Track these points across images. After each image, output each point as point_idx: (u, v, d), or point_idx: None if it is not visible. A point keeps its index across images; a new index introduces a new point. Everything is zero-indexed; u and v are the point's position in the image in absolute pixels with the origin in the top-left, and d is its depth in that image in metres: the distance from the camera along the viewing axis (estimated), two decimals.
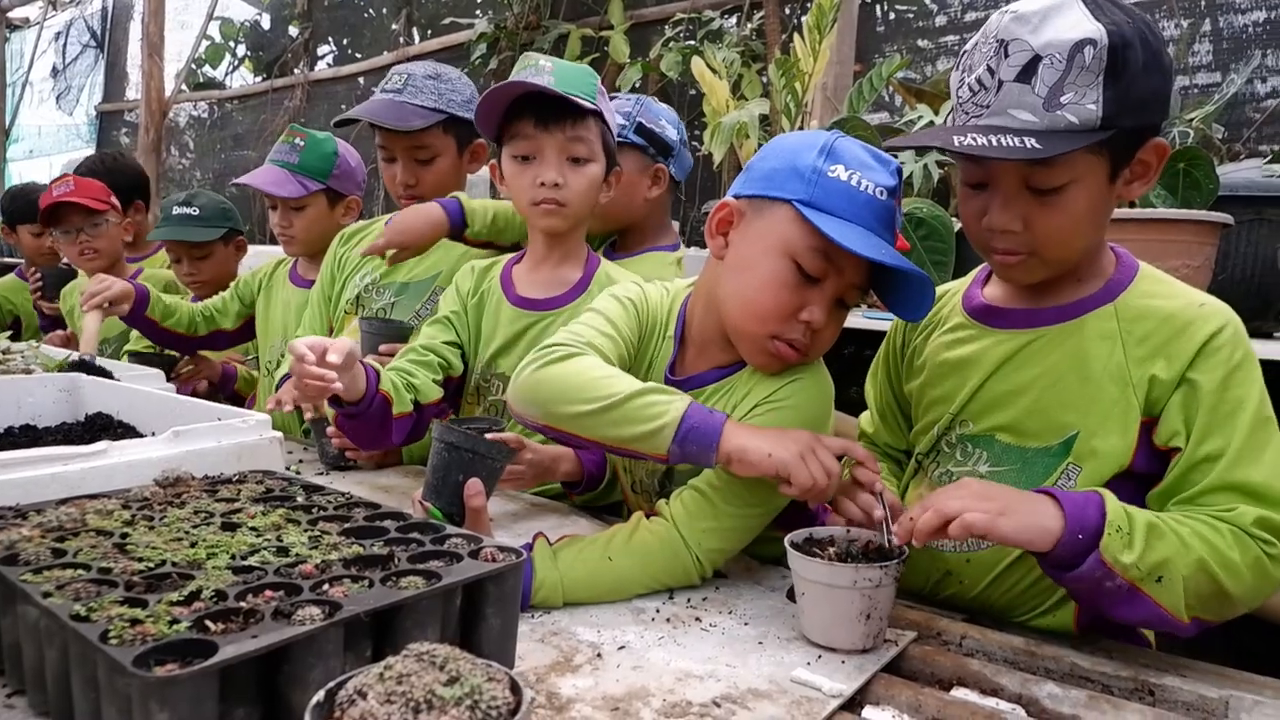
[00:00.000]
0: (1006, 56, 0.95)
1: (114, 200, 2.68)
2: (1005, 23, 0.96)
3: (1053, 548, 0.90)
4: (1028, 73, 0.93)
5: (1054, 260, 1.03)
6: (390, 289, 1.87)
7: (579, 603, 1.04)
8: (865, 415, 1.35)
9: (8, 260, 4.74)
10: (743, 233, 1.11)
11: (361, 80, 5.58)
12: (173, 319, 2.14)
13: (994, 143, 0.93)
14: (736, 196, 1.13)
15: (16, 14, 8.96)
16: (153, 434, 1.32)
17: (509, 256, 1.61)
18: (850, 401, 1.44)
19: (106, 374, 1.68)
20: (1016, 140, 0.93)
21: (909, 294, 1.07)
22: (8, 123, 8.65)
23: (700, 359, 1.20)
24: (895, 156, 2.22)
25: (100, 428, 1.38)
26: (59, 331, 2.87)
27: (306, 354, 1.10)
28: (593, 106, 1.39)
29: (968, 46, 1.02)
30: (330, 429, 1.59)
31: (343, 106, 5.76)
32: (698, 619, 1.02)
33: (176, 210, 2.49)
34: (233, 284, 2.29)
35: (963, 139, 0.95)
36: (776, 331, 1.09)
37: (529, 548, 1.05)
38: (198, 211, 2.49)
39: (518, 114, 1.40)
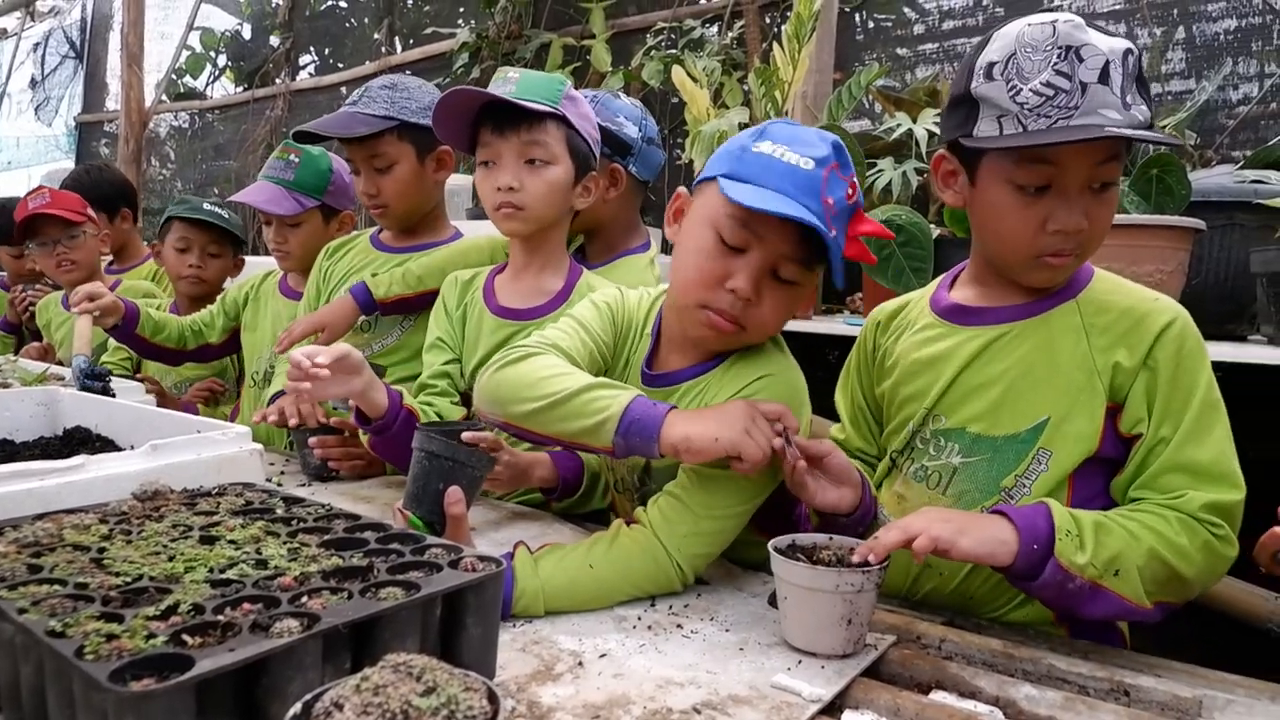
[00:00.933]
0: (1081, 60, 0.98)
1: (90, 212, 2.66)
2: (1065, 30, 0.98)
3: (1013, 561, 0.95)
4: (1105, 75, 0.97)
5: (1087, 255, 1.08)
6: None
7: (560, 611, 1.04)
8: (835, 426, 1.36)
9: None
10: (687, 217, 1.16)
11: (344, 90, 5.57)
12: (163, 335, 2.14)
13: (1129, 131, 0.97)
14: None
15: None
16: (131, 447, 1.32)
17: (492, 267, 1.62)
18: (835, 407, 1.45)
19: (109, 391, 1.67)
20: (1132, 132, 0.97)
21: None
22: None
23: (675, 356, 1.22)
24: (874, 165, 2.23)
25: (79, 441, 1.37)
26: (35, 344, 2.84)
27: (302, 361, 1.14)
28: (549, 109, 1.41)
29: (996, 58, 1.02)
30: (313, 439, 1.59)
31: (323, 116, 5.74)
32: (679, 626, 1.02)
33: (208, 205, 2.48)
34: (219, 298, 2.29)
35: (1107, 129, 0.96)
36: (704, 299, 1.11)
37: (510, 556, 1.05)
38: (226, 215, 2.50)
39: (481, 123, 1.46)
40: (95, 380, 1.66)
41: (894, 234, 2.00)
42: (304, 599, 0.73)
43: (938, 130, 2.23)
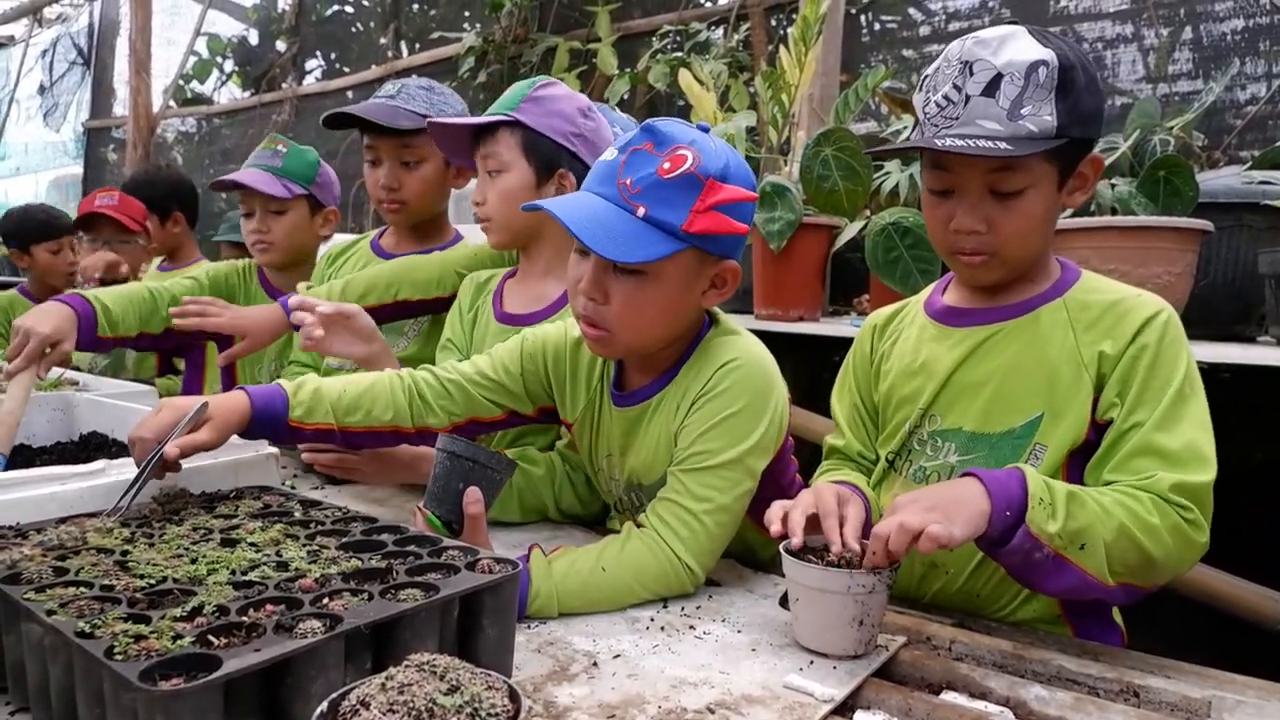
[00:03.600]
0: (972, 75, 1.05)
1: (148, 224, 2.67)
2: (968, 46, 1.06)
3: (987, 527, 0.94)
4: (991, 88, 1.04)
5: (1013, 259, 1.11)
6: None
7: (574, 613, 1.05)
8: (832, 434, 1.36)
9: (6, 279, 4.71)
10: None
11: (350, 94, 5.59)
12: (120, 329, 1.75)
13: (971, 145, 1.03)
14: None
15: (2, 32, 8.95)
16: None
17: (505, 270, 1.63)
18: None
19: None
20: (989, 143, 1.02)
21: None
22: None
23: (637, 375, 1.24)
24: (881, 164, 2.24)
25: (95, 447, 1.39)
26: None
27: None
28: (502, 118, 1.46)
29: (929, 71, 1.11)
30: (304, 444, 1.57)
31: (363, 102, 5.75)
32: (691, 627, 1.03)
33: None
34: (202, 272, 2.10)
35: (943, 142, 1.04)
36: (574, 308, 1.15)
37: (525, 559, 1.07)
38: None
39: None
40: None
41: (756, 195, 1.93)
42: (325, 600, 0.75)
43: None
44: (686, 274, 1.11)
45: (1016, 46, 1.03)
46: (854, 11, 3.46)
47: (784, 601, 1.12)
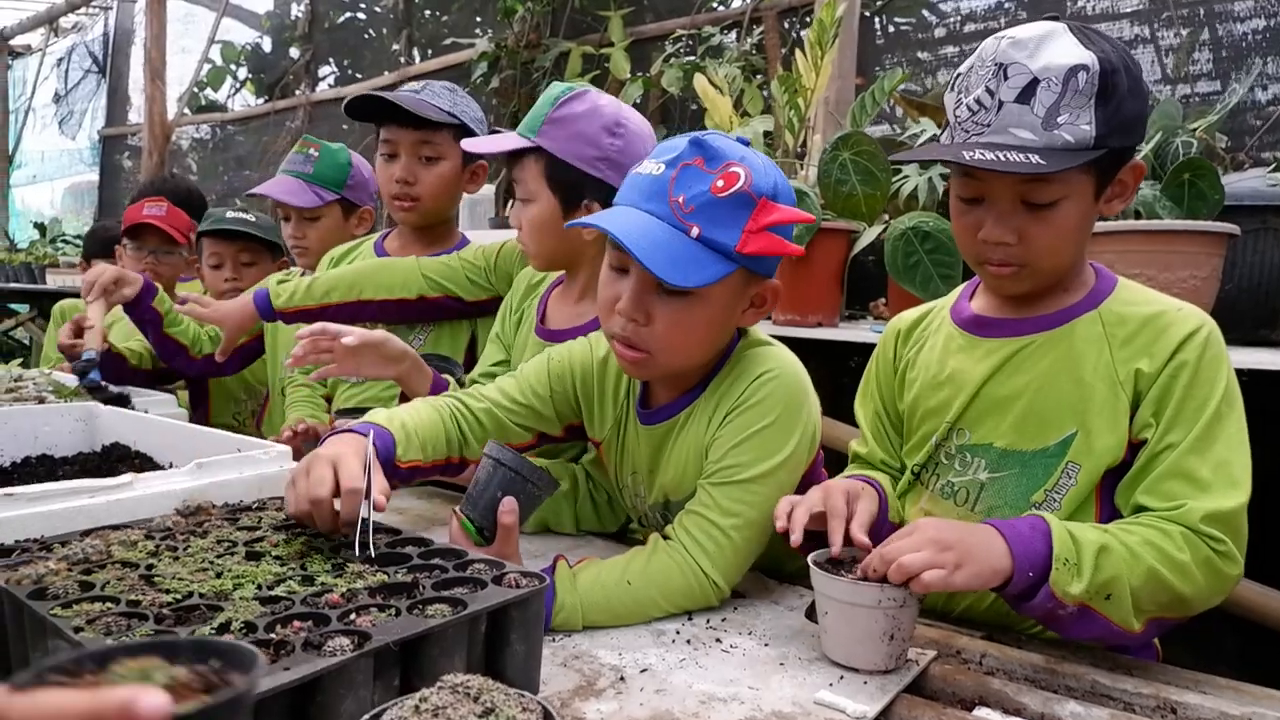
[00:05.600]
0: (1006, 79, 1.00)
1: (191, 236, 2.68)
2: (1003, 48, 1.01)
3: (1005, 586, 0.93)
4: (1026, 94, 0.99)
5: (1043, 271, 1.07)
6: None
7: (598, 625, 1.04)
8: (856, 440, 1.34)
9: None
10: None
11: None
12: (178, 327, 2.07)
13: (1002, 158, 0.98)
14: None
15: (18, 41, 9.04)
16: (170, 464, 1.33)
17: (555, 276, 1.60)
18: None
19: (121, 399, 1.69)
20: (1021, 156, 0.98)
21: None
22: (11, 148, 8.71)
23: (663, 391, 1.22)
24: (899, 168, 2.22)
25: (117, 458, 1.38)
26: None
27: (325, 331, 1.31)
28: (526, 144, 1.42)
29: (962, 69, 1.06)
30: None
31: (343, 127, 5.79)
32: (718, 640, 1.02)
33: (230, 214, 2.43)
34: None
35: (972, 154, 1.00)
36: (608, 329, 1.13)
37: (549, 571, 1.06)
38: (253, 219, 2.44)
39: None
40: (88, 379, 1.72)
41: (812, 218, 1.92)
42: (353, 616, 0.74)
43: None
44: (731, 294, 1.08)
45: (1055, 49, 0.98)
46: (868, 14, 3.45)
47: (810, 614, 1.11)
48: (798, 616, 1.11)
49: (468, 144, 1.55)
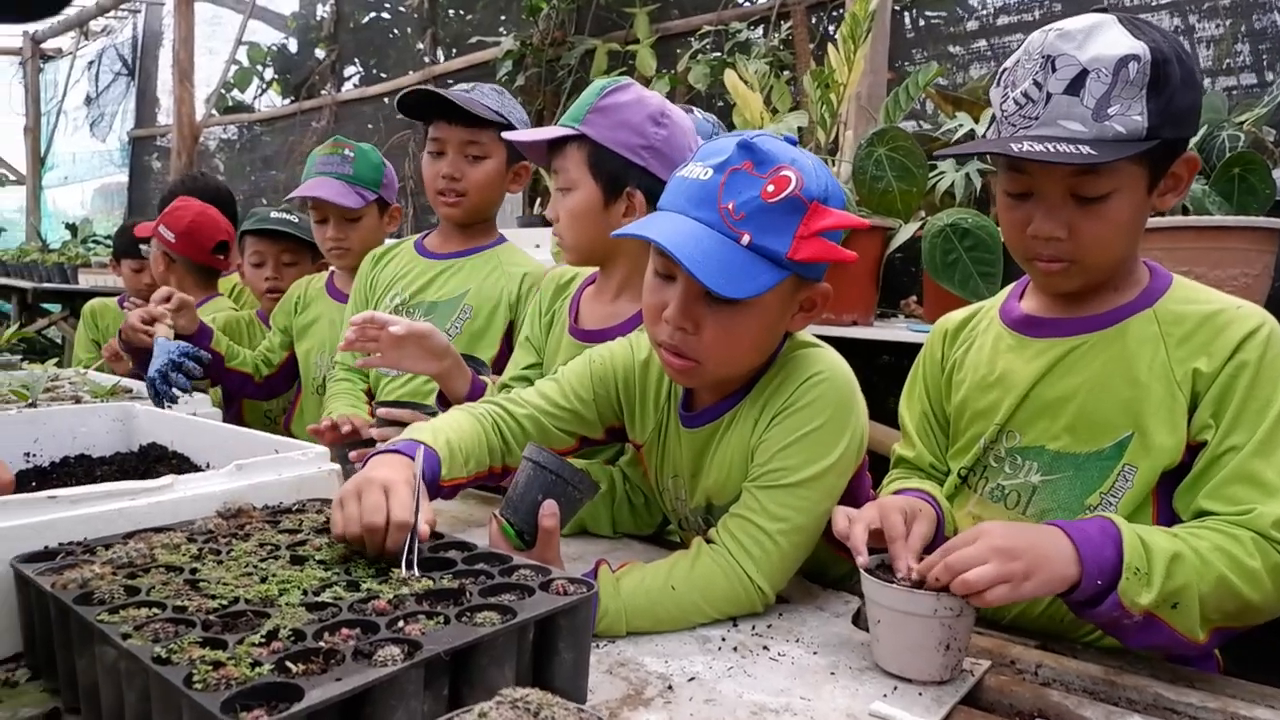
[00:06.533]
0: (1054, 71, 0.98)
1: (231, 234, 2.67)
2: (1051, 40, 0.99)
3: (1070, 592, 0.89)
4: (1075, 86, 0.97)
5: (1094, 267, 1.05)
6: (420, 308, 1.88)
7: (641, 631, 1.02)
8: (899, 443, 1.31)
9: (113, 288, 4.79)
10: None
11: (387, 100, 5.64)
12: (237, 360, 2.16)
13: (1051, 149, 0.96)
14: None
15: (50, 45, 9.18)
16: (207, 464, 1.33)
17: (586, 275, 1.59)
18: (890, 412, 1.41)
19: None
20: (1071, 147, 0.95)
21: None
22: (43, 151, 8.83)
23: (708, 394, 1.19)
24: (935, 163, 2.18)
25: (155, 458, 1.38)
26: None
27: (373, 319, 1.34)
28: (569, 131, 1.42)
29: (1008, 64, 1.04)
30: (354, 453, 1.56)
31: (369, 126, 5.82)
32: (765, 647, 1.00)
33: (275, 214, 2.45)
34: (273, 319, 2.31)
35: (1020, 146, 0.97)
36: (654, 336, 1.10)
37: (591, 575, 1.04)
38: (296, 220, 2.45)
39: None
40: (190, 365, 1.72)
41: (866, 222, 1.86)
42: (401, 623, 0.72)
43: None
44: (781, 301, 1.06)
45: (1104, 39, 0.96)
46: (898, 8, 3.40)
47: (858, 620, 1.09)
48: (844, 623, 1.08)
49: (510, 134, 1.54)
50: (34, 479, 1.32)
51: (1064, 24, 1.00)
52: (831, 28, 3.83)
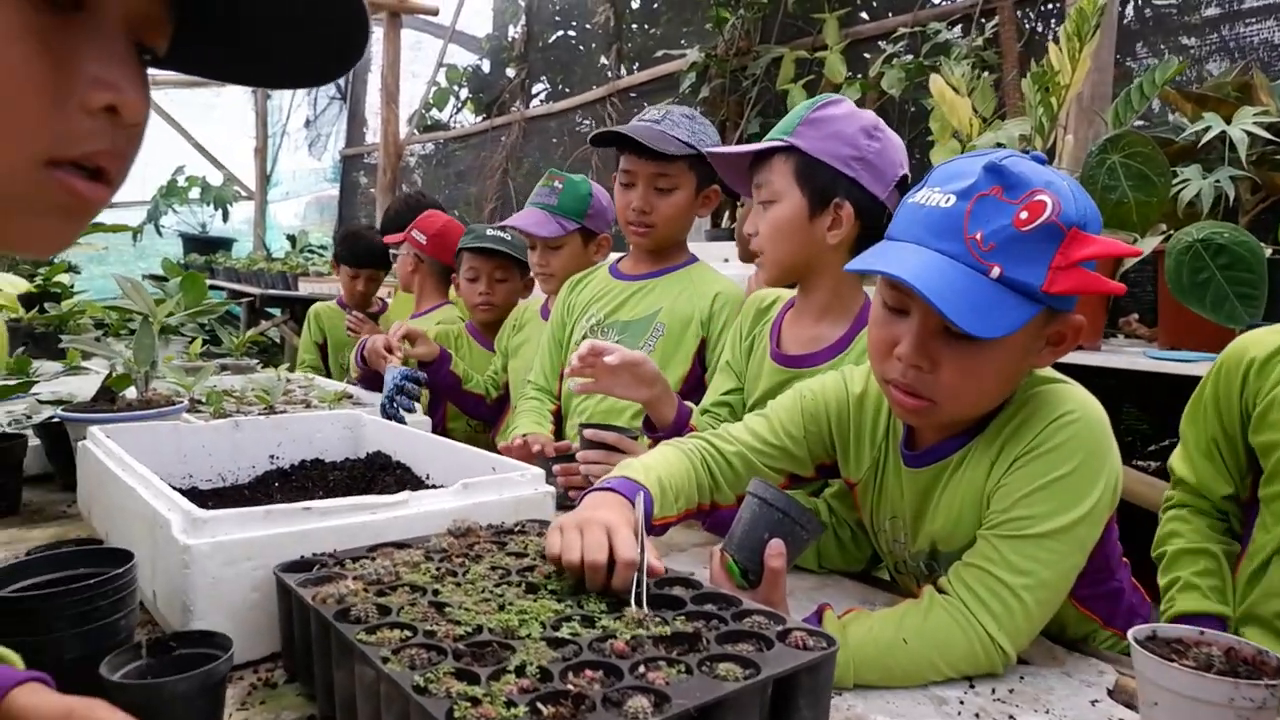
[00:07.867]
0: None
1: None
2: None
3: None
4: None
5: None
6: (614, 328, 1.91)
7: (869, 685, 0.95)
8: (1177, 453, 1.22)
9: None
10: None
11: (574, 115, 5.82)
12: (471, 382, 2.34)
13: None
14: None
15: None
16: (427, 475, 1.39)
17: (787, 298, 1.55)
18: (1125, 447, 1.30)
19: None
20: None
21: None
22: (269, 169, 9.83)
23: (934, 432, 1.09)
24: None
25: (379, 466, 1.47)
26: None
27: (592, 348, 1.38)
28: (777, 143, 1.40)
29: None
30: (558, 467, 1.58)
31: (553, 140, 6.04)
32: (1010, 717, 0.90)
33: (490, 232, 2.53)
34: (496, 343, 2.49)
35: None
36: (881, 371, 1.03)
37: (815, 619, 0.99)
38: (509, 238, 2.53)
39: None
40: (410, 387, 1.86)
41: (1139, 251, 1.68)
42: (642, 669, 0.70)
43: (1261, 131, 1.92)
44: (1030, 336, 0.96)
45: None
46: None
47: (1115, 694, 0.97)
48: (1097, 694, 0.97)
49: (714, 150, 1.53)
50: (277, 479, 1.43)
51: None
52: (1040, 25, 3.56)
